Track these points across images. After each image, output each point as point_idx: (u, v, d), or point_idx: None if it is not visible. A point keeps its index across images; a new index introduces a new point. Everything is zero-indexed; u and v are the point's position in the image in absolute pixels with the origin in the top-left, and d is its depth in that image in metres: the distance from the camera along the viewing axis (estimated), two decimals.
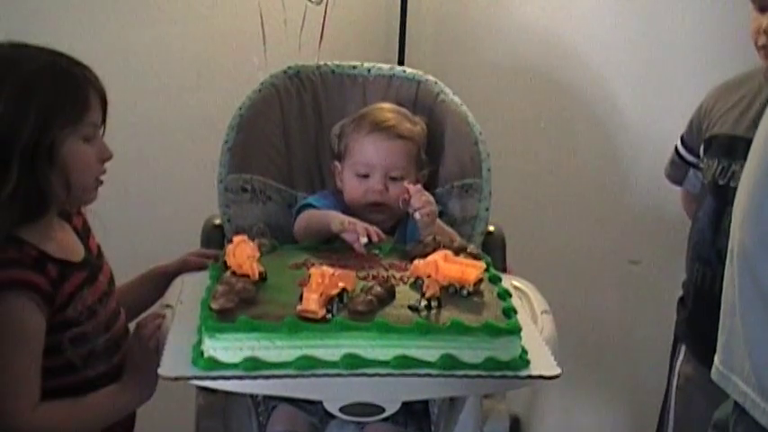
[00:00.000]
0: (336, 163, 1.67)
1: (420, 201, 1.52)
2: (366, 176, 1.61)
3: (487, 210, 1.71)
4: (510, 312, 1.23)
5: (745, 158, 1.04)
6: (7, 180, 1.23)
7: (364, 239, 1.45)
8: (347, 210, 1.59)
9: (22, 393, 1.26)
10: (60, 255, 1.32)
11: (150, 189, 2.15)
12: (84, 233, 1.42)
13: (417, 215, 1.52)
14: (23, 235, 1.28)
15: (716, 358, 1.07)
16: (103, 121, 1.36)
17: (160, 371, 1.16)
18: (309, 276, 1.23)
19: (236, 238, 1.36)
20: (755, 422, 1.00)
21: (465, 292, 1.29)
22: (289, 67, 1.77)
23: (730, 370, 1.04)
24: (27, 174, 1.25)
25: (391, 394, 1.22)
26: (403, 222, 1.63)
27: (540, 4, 2.30)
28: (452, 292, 1.29)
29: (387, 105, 1.68)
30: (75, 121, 1.29)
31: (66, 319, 1.30)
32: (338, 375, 1.15)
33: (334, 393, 1.21)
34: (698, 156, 1.75)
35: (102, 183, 1.37)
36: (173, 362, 1.18)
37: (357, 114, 1.68)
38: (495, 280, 1.37)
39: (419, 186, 1.55)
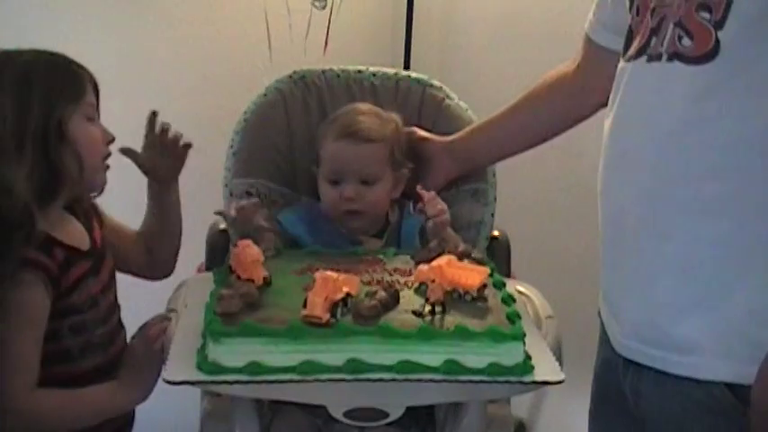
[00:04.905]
0: (314, 168, 1.64)
1: (435, 209, 1.50)
2: (338, 183, 1.57)
3: (492, 215, 1.71)
4: (514, 317, 1.23)
5: None
6: (23, 163, 1.27)
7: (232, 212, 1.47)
8: (325, 217, 1.58)
9: (22, 373, 1.27)
10: (68, 241, 1.34)
11: None
12: (88, 224, 1.43)
13: (431, 223, 1.50)
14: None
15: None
16: (97, 108, 1.40)
17: (165, 375, 1.16)
18: (314, 281, 1.23)
19: (241, 243, 1.36)
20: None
21: (469, 297, 1.29)
22: (294, 72, 1.77)
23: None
24: (41, 155, 1.29)
25: (395, 399, 1.22)
26: (394, 226, 1.62)
27: (545, 9, 2.30)
28: (456, 297, 1.28)
29: (360, 106, 1.65)
30: (76, 100, 1.33)
31: (70, 306, 1.32)
32: (342, 380, 1.15)
33: (337, 398, 1.21)
34: None
35: (108, 167, 1.40)
36: (178, 366, 1.18)
37: (330, 118, 1.65)
38: (499, 285, 1.37)
39: (433, 193, 1.53)
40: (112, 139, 1.40)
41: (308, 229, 1.58)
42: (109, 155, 1.39)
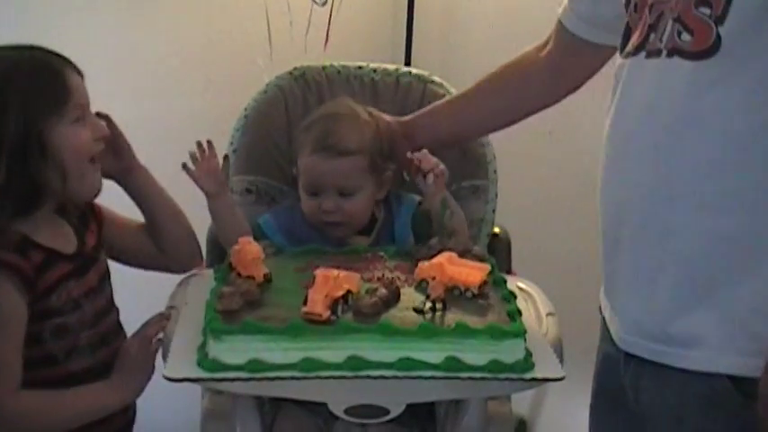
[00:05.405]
0: (295, 171, 1.59)
1: (430, 162, 1.48)
2: (317, 194, 1.52)
3: (493, 212, 1.71)
4: (515, 315, 1.23)
5: None
6: None
7: None
8: (306, 222, 1.55)
9: (3, 377, 1.26)
10: (47, 243, 1.31)
11: None
12: (82, 228, 1.41)
13: (430, 177, 1.48)
14: (11, 224, 1.28)
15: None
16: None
17: (166, 372, 1.17)
18: (314, 278, 1.23)
19: (242, 240, 1.36)
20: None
21: (470, 294, 1.28)
22: (294, 69, 1.76)
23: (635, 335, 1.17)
24: (19, 168, 1.25)
25: (395, 396, 1.22)
26: (383, 223, 1.59)
27: (547, 7, 2.29)
28: (457, 295, 1.28)
29: (339, 108, 1.57)
30: (59, 108, 1.28)
31: (48, 308, 1.30)
32: (342, 378, 1.15)
33: (338, 395, 1.21)
34: None
35: (99, 168, 1.35)
36: (178, 363, 1.18)
37: (306, 122, 1.58)
38: (499, 282, 1.36)
39: (424, 151, 1.50)
40: (105, 134, 1.36)
41: (287, 236, 1.55)
42: (99, 151, 1.35)
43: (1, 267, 1.25)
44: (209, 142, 1.46)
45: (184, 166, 1.46)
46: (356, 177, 1.51)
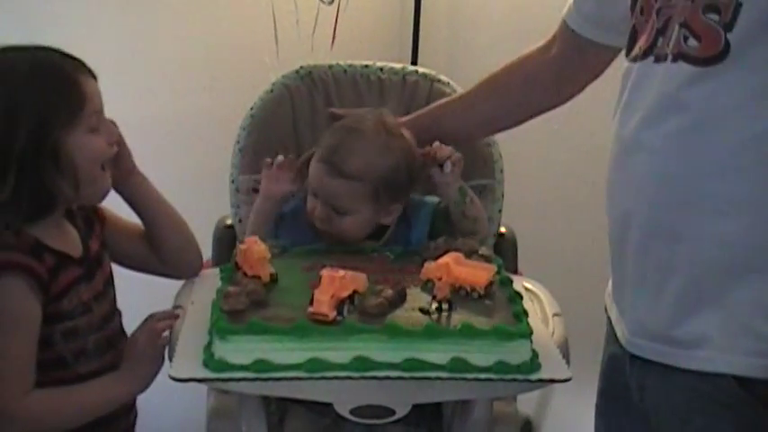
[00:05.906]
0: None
1: (446, 151, 1.48)
2: (317, 196, 1.49)
3: (500, 211, 1.70)
4: (521, 315, 1.23)
5: None
6: (5, 185, 1.24)
7: None
8: (310, 228, 1.52)
9: (15, 378, 1.27)
10: (58, 247, 1.32)
11: (162, 189, 2.15)
12: (87, 231, 1.41)
13: (448, 165, 1.47)
14: (25, 228, 1.29)
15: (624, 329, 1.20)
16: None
17: (171, 372, 1.17)
18: (320, 278, 1.23)
19: (248, 240, 1.36)
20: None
21: (476, 294, 1.28)
22: (301, 67, 1.76)
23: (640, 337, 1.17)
24: (31, 176, 1.25)
25: (401, 397, 1.22)
26: (400, 229, 1.56)
27: (553, 6, 2.29)
28: (463, 295, 1.28)
29: (367, 124, 1.49)
30: (74, 117, 1.27)
31: (60, 311, 1.31)
32: (348, 378, 1.15)
33: (344, 396, 1.21)
34: None
35: (109, 172, 1.35)
36: (184, 363, 1.18)
37: (337, 123, 1.54)
38: (506, 282, 1.36)
39: (437, 143, 1.49)
40: (118, 137, 1.36)
41: (289, 239, 1.52)
42: (113, 155, 1.35)
43: (17, 269, 1.26)
44: (294, 158, 1.55)
45: (270, 162, 1.53)
46: (351, 201, 1.45)
